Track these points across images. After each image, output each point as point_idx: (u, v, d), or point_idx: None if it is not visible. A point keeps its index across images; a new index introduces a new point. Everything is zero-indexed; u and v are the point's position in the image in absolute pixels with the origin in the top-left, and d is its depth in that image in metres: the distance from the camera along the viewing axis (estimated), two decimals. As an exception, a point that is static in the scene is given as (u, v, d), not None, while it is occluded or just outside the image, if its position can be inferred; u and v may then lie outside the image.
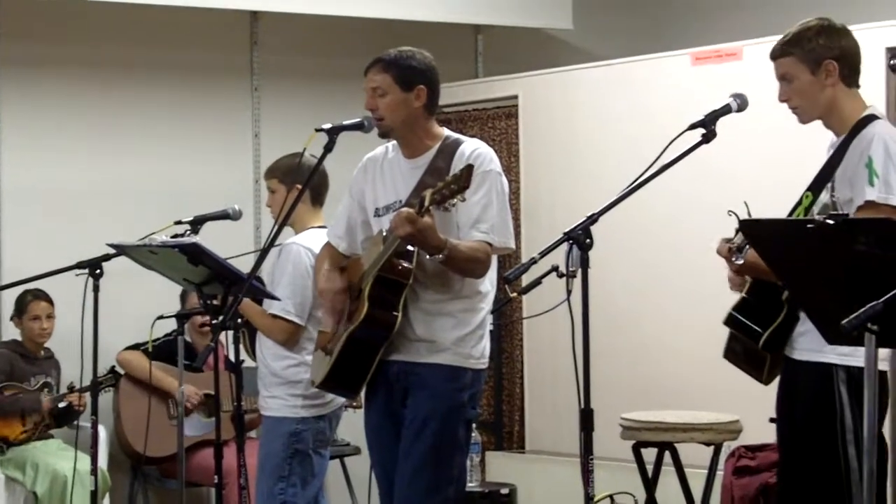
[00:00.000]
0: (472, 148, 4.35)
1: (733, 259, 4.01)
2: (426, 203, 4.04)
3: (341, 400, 5.25)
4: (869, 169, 3.89)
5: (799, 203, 4.10)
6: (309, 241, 5.20)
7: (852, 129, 4.02)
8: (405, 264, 4.25)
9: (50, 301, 6.77)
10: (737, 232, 4.01)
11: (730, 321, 4.24)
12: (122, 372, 6.77)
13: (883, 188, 3.87)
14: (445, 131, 4.46)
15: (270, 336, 5.27)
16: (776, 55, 4.12)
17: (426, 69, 4.41)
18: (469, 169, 4.02)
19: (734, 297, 4.25)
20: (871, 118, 4.03)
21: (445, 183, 4.04)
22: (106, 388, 6.63)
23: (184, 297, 6.81)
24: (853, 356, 3.86)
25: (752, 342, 4.16)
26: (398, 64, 4.38)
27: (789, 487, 4.15)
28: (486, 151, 4.36)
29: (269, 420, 5.32)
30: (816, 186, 4.07)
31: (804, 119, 4.14)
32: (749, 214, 4.01)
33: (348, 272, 4.50)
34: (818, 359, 3.98)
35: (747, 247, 3.94)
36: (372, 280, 4.26)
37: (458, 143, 4.38)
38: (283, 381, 5.25)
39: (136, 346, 6.77)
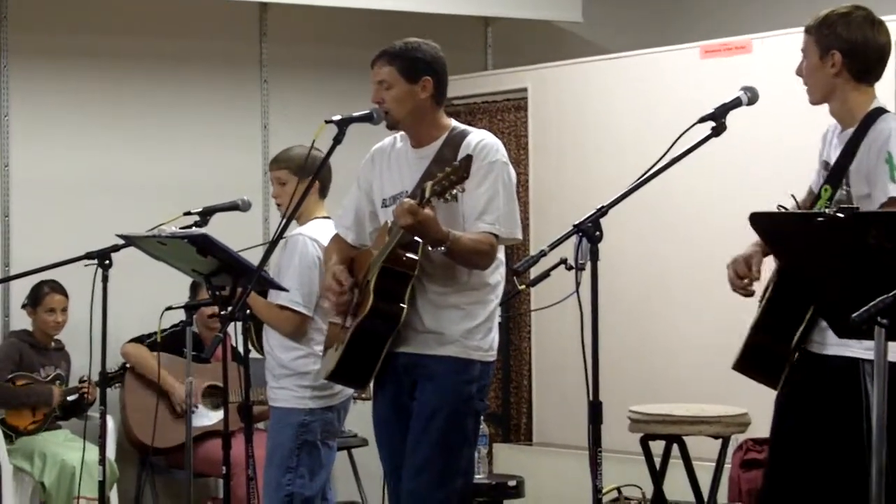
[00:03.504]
0: (479, 139, 4.33)
1: None
2: (427, 194, 4.04)
3: (349, 391, 5.25)
4: (889, 164, 3.85)
5: (818, 197, 4.07)
6: (314, 231, 5.20)
7: (862, 123, 4.00)
8: (410, 255, 4.23)
9: (65, 294, 6.75)
10: None
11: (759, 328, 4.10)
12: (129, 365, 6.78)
13: None
14: (453, 122, 4.44)
15: (278, 328, 5.26)
16: (805, 30, 4.10)
17: (432, 60, 4.39)
18: (467, 160, 4.01)
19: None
20: (881, 111, 4.01)
21: (445, 174, 4.03)
22: (116, 383, 6.65)
23: (194, 288, 6.78)
24: None
25: (784, 344, 4.03)
26: (403, 56, 4.37)
27: (798, 484, 4.08)
28: (492, 142, 4.34)
29: (278, 411, 5.32)
30: (833, 180, 4.02)
31: (810, 99, 4.11)
32: (797, 206, 3.97)
33: (358, 263, 4.49)
34: (845, 353, 3.89)
35: None
36: (377, 272, 4.25)
37: (464, 134, 4.37)
38: (292, 373, 5.25)
39: (139, 339, 6.78)
